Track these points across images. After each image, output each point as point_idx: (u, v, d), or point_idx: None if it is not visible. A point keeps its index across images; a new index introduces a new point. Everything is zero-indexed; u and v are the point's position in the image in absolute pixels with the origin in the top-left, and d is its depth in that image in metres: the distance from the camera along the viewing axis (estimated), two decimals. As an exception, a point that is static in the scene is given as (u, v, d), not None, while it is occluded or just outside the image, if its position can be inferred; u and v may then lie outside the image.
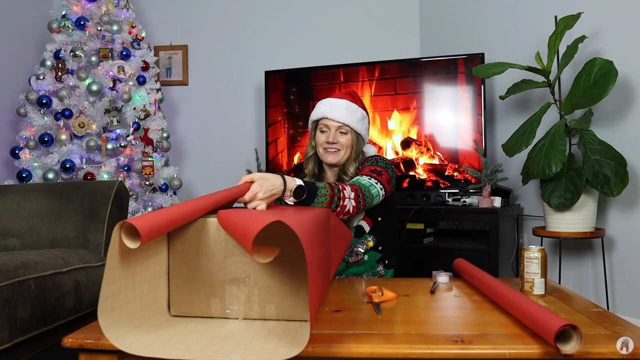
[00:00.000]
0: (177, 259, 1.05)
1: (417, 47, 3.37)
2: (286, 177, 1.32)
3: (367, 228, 1.68)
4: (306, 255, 0.82)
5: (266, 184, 1.25)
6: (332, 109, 1.68)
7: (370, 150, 1.80)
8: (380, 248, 1.70)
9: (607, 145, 2.07)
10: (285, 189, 1.30)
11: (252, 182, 1.24)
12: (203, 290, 1.04)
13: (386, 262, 1.72)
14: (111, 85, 2.82)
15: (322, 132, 1.70)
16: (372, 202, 1.54)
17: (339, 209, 1.43)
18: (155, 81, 3.05)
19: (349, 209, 1.45)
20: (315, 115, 1.73)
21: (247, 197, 1.21)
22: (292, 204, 1.36)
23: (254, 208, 1.21)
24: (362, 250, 1.67)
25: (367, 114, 1.76)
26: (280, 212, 1.16)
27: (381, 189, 1.56)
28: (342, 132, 1.68)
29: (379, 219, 1.70)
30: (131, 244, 0.85)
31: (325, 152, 1.69)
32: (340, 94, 1.75)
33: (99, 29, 2.88)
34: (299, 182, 1.35)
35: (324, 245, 1.15)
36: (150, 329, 0.95)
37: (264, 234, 0.85)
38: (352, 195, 1.45)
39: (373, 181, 1.55)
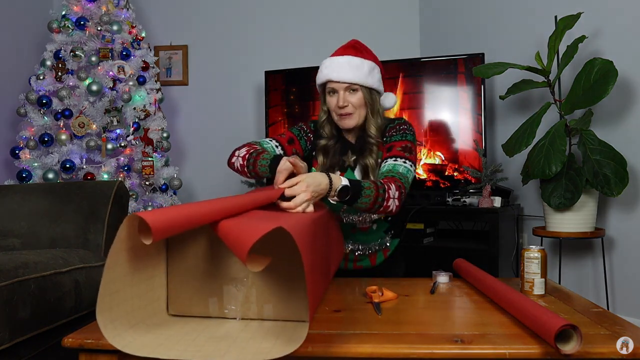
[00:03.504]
0: (176, 259, 1.05)
1: (417, 47, 3.37)
2: (332, 176, 1.28)
3: None
4: (303, 258, 0.82)
5: (313, 184, 1.22)
6: (334, 70, 1.55)
7: (389, 101, 1.66)
8: (389, 218, 1.65)
9: (607, 145, 2.06)
10: (330, 188, 1.27)
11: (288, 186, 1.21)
12: (201, 290, 1.04)
13: (392, 232, 1.68)
14: (111, 85, 2.82)
15: (330, 95, 1.57)
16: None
17: (381, 209, 1.37)
18: (155, 81, 3.05)
19: (391, 209, 1.39)
20: (319, 78, 1.60)
21: (291, 197, 1.17)
22: (335, 202, 1.33)
23: (301, 209, 1.17)
24: (373, 218, 1.61)
25: (377, 62, 1.60)
26: (276, 214, 1.15)
27: (413, 169, 1.49)
28: (352, 91, 1.54)
29: None
30: (145, 239, 0.83)
31: (340, 117, 1.57)
32: (342, 49, 1.62)
33: (99, 29, 2.87)
34: (345, 181, 1.30)
35: (322, 245, 1.15)
36: (147, 328, 0.95)
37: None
38: (397, 194, 1.38)
39: (408, 164, 1.48)
